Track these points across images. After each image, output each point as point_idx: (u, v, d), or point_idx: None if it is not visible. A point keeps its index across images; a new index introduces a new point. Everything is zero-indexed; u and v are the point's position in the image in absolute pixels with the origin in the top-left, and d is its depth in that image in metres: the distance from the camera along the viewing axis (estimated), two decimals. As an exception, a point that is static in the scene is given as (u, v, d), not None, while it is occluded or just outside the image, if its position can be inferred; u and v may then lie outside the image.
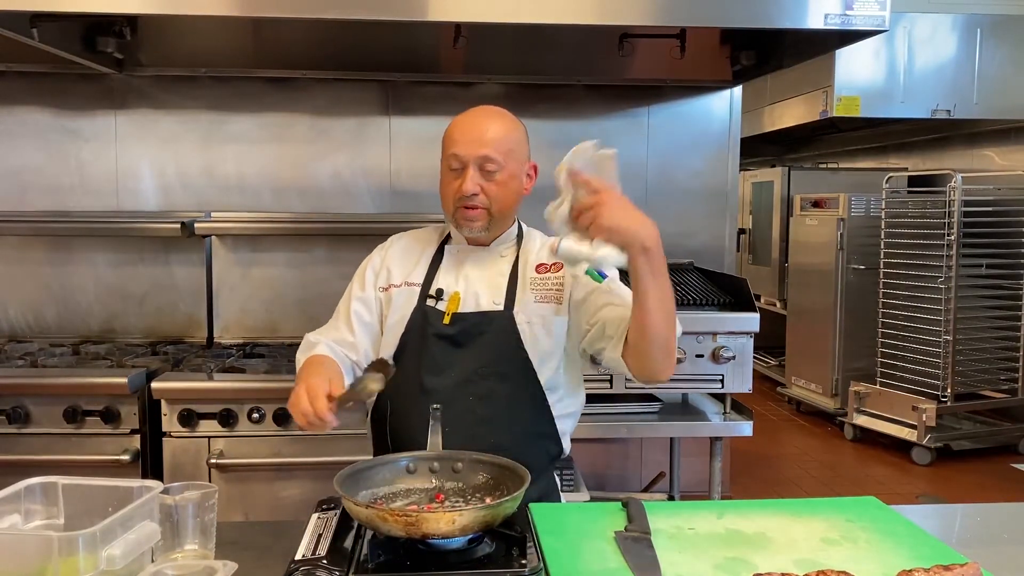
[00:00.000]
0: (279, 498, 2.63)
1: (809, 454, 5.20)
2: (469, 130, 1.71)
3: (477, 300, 1.74)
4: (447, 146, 1.73)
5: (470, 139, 1.70)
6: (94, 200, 3.38)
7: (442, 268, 1.79)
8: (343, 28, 2.78)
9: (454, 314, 1.72)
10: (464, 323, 1.71)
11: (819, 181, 6.39)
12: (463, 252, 1.80)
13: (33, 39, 2.51)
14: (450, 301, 1.74)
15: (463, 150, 1.69)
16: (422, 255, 1.83)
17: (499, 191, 1.71)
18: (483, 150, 1.68)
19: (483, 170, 1.69)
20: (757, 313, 3.03)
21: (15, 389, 2.59)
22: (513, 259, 1.80)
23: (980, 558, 1.25)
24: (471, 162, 1.69)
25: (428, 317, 1.73)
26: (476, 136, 1.70)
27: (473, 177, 1.69)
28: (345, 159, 3.50)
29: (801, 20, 2.42)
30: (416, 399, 1.67)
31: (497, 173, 1.70)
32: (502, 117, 1.75)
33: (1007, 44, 5.20)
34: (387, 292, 1.80)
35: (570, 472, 3.21)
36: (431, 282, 1.77)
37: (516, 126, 1.76)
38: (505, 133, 1.73)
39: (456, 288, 1.75)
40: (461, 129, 1.72)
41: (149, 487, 1.26)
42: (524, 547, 1.28)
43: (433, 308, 1.74)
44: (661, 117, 3.68)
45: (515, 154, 1.74)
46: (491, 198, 1.71)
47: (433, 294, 1.75)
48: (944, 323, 4.89)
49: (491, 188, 1.71)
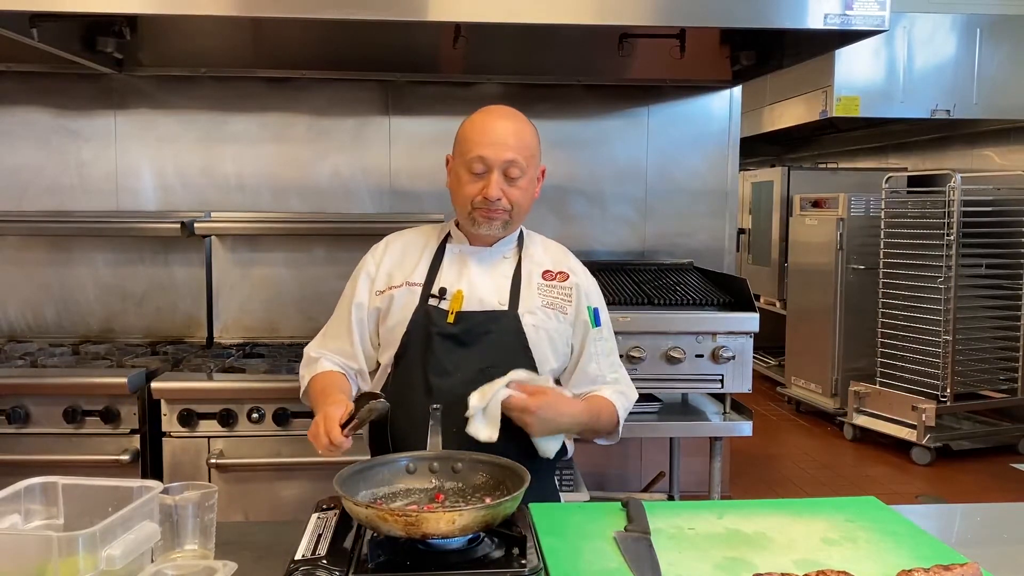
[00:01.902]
0: (279, 498, 2.63)
1: (809, 454, 5.20)
2: (494, 133, 1.69)
3: (481, 299, 1.73)
4: (469, 148, 1.70)
5: (496, 143, 1.68)
6: (94, 200, 3.38)
7: (444, 267, 1.78)
8: (343, 28, 2.78)
9: (458, 313, 1.71)
10: (469, 322, 1.71)
11: (819, 181, 6.39)
12: (465, 252, 1.79)
13: (33, 39, 2.51)
14: (453, 300, 1.72)
15: (491, 153, 1.67)
16: (422, 255, 1.81)
17: (520, 196, 1.72)
18: (510, 154, 1.68)
19: (506, 175, 1.69)
20: (757, 313, 3.03)
21: (15, 389, 2.59)
22: (516, 261, 1.80)
23: (980, 558, 1.25)
24: (496, 167, 1.68)
25: (431, 316, 1.71)
26: (502, 140, 1.68)
27: (498, 182, 1.68)
28: (345, 159, 3.50)
29: (801, 20, 2.42)
30: (421, 399, 1.65)
31: (520, 179, 1.70)
32: (523, 121, 1.75)
33: (1007, 44, 5.20)
34: (385, 295, 1.77)
35: (570, 472, 3.21)
36: (433, 281, 1.76)
37: (534, 130, 1.77)
38: (529, 138, 1.73)
39: (459, 287, 1.74)
40: (484, 131, 1.70)
41: (149, 487, 1.26)
42: (524, 547, 1.28)
43: (436, 307, 1.73)
44: (661, 117, 3.68)
45: (535, 159, 1.75)
46: (513, 202, 1.71)
47: (436, 293, 1.74)
48: (944, 323, 4.89)
49: (513, 193, 1.71)
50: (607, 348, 1.83)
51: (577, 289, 1.80)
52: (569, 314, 1.78)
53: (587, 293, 1.82)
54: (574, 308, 1.78)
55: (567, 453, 1.82)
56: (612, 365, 1.84)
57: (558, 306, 1.77)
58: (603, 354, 1.81)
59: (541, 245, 1.86)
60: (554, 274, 1.80)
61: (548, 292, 1.77)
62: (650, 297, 3.07)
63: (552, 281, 1.79)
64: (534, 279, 1.78)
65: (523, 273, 1.78)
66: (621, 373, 1.86)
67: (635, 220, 3.69)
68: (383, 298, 1.77)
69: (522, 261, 1.80)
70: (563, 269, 1.82)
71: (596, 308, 1.82)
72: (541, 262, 1.81)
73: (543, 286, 1.78)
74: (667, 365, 2.99)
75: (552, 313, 1.76)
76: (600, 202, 3.66)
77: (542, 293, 1.77)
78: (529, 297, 1.75)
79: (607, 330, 1.84)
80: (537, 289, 1.77)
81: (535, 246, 1.85)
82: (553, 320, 1.75)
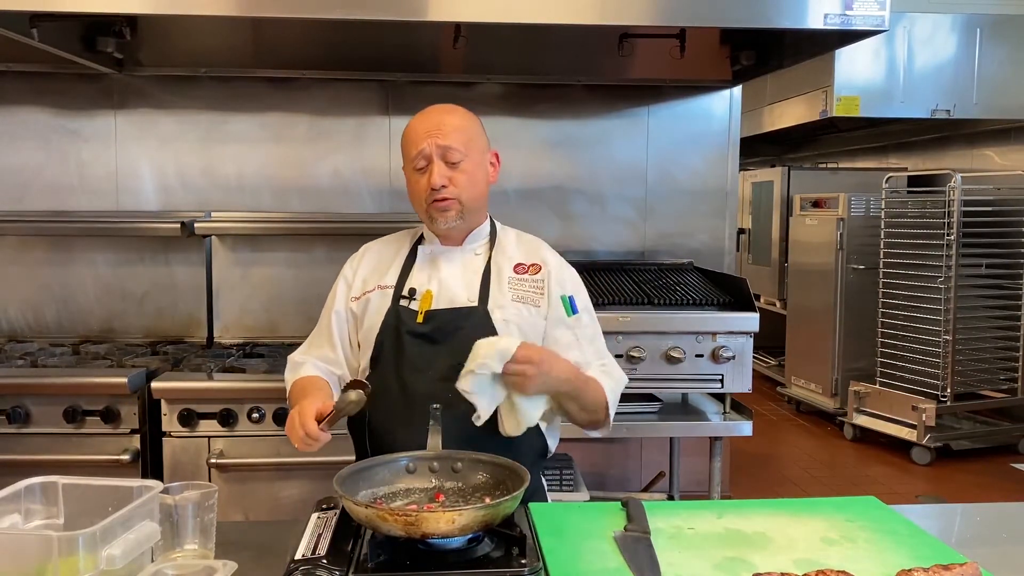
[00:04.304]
0: (279, 498, 2.63)
1: (809, 454, 5.20)
2: (425, 126, 1.73)
3: (451, 297, 1.75)
4: (407, 148, 1.75)
5: (429, 132, 1.71)
6: (94, 200, 3.38)
7: (415, 268, 1.80)
8: (343, 28, 2.77)
9: (427, 312, 1.72)
10: (438, 320, 1.72)
11: (819, 181, 6.39)
12: (436, 252, 1.81)
13: (33, 39, 2.51)
14: (422, 300, 1.74)
15: (424, 143, 1.71)
16: (395, 258, 1.84)
17: (467, 180, 1.73)
18: (443, 140, 1.70)
19: (447, 162, 1.71)
20: (757, 313, 3.03)
21: (15, 389, 2.59)
22: (487, 257, 1.81)
23: (980, 558, 1.25)
24: (434, 155, 1.70)
25: (401, 316, 1.73)
26: (434, 128, 1.72)
27: (440, 170, 1.70)
28: (345, 159, 3.50)
29: (801, 20, 2.42)
30: (397, 398, 1.68)
31: (462, 163, 1.72)
32: (454, 110, 1.78)
33: (1007, 44, 5.20)
34: (360, 300, 1.80)
35: (570, 472, 3.21)
36: (404, 283, 1.78)
37: (471, 116, 1.79)
38: (462, 123, 1.75)
39: (428, 287, 1.76)
40: (416, 128, 1.74)
41: (149, 487, 1.27)
42: (524, 547, 1.28)
43: (406, 308, 1.74)
44: (661, 117, 3.68)
45: (476, 143, 1.76)
46: (460, 188, 1.72)
47: (406, 294, 1.76)
48: (944, 323, 4.89)
49: (459, 178, 1.72)
50: (589, 335, 1.80)
51: (548, 280, 1.79)
52: (542, 306, 1.76)
53: (560, 282, 1.80)
54: (546, 300, 1.77)
55: (549, 451, 1.81)
56: (598, 352, 1.81)
57: (529, 299, 1.76)
58: (586, 340, 1.79)
59: (515, 239, 1.86)
60: (526, 267, 1.80)
61: (519, 286, 1.77)
62: (650, 297, 3.07)
63: (524, 274, 1.79)
64: (504, 273, 1.78)
65: (493, 268, 1.78)
66: (609, 360, 1.82)
67: (635, 220, 3.69)
68: (359, 303, 1.81)
69: (493, 256, 1.80)
70: (536, 261, 1.81)
71: (571, 296, 1.80)
72: (512, 256, 1.81)
73: (514, 279, 1.78)
74: (667, 365, 2.99)
75: (523, 307, 1.75)
76: (600, 202, 3.66)
77: (513, 287, 1.76)
78: (499, 292, 1.75)
79: (587, 316, 1.82)
80: (508, 283, 1.77)
81: (508, 241, 1.85)
82: (525, 313, 1.75)
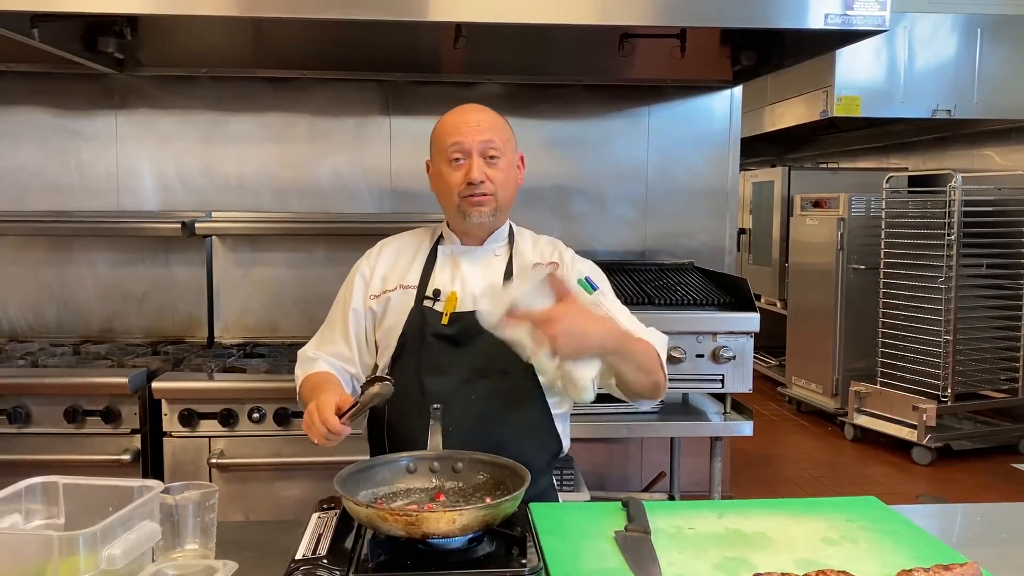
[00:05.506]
0: (279, 498, 2.63)
1: (809, 454, 5.20)
2: (465, 121, 1.73)
3: (475, 299, 1.74)
4: (442, 139, 1.74)
5: (470, 127, 1.71)
6: (94, 200, 3.38)
7: (437, 269, 1.80)
8: (343, 28, 2.77)
9: (452, 314, 1.72)
10: (462, 322, 1.71)
11: (819, 181, 6.39)
12: (457, 252, 1.81)
13: (33, 39, 2.51)
14: (447, 301, 1.74)
15: (465, 138, 1.71)
16: (415, 257, 1.83)
17: (503, 178, 1.74)
18: (485, 135, 1.71)
19: (486, 157, 1.71)
20: (757, 313, 3.03)
21: (15, 389, 2.59)
22: (507, 258, 1.81)
23: (980, 558, 1.25)
24: (474, 149, 1.70)
25: (426, 318, 1.73)
26: (475, 124, 1.72)
27: (479, 165, 1.70)
28: (345, 159, 3.50)
29: (801, 20, 2.42)
30: (416, 400, 1.67)
31: (499, 160, 1.72)
32: (488, 110, 1.79)
33: (1007, 44, 5.20)
34: (380, 298, 1.80)
35: (570, 472, 3.21)
36: (427, 283, 1.78)
37: (503, 118, 1.80)
38: (499, 122, 1.77)
39: (453, 288, 1.76)
40: (456, 122, 1.74)
41: (149, 487, 1.26)
42: (524, 547, 1.29)
43: (431, 309, 1.74)
44: (661, 117, 3.68)
45: (510, 143, 1.78)
46: (497, 185, 1.73)
47: (430, 295, 1.76)
48: (944, 323, 4.89)
49: (496, 175, 1.72)
50: (617, 307, 1.77)
51: (567, 272, 1.78)
52: None
53: (576, 270, 1.80)
54: None
55: (563, 450, 1.82)
56: (631, 320, 1.76)
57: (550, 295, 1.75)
58: (616, 311, 1.74)
59: (531, 240, 1.87)
60: (544, 266, 1.80)
61: None
62: (650, 297, 3.07)
63: None
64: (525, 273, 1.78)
65: (514, 269, 1.79)
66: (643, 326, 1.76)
67: (635, 220, 3.69)
68: (378, 302, 1.80)
69: (513, 257, 1.81)
70: (553, 259, 1.82)
71: (587, 277, 1.78)
72: (531, 256, 1.82)
73: None
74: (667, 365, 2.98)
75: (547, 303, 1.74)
76: (600, 202, 3.66)
77: None
78: None
79: (611, 294, 1.79)
80: None
81: (525, 242, 1.85)
82: None
